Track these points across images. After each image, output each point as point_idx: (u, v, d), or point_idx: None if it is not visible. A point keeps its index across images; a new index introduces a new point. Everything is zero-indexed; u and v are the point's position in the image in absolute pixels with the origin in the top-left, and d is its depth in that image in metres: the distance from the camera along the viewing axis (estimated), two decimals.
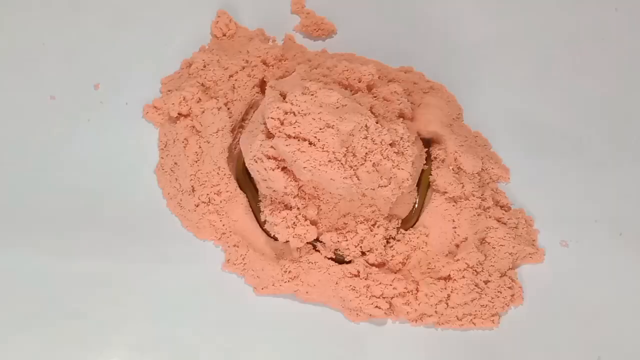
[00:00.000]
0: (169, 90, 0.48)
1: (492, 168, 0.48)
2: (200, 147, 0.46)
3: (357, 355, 0.43)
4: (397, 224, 0.45)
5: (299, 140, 0.41)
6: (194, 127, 0.46)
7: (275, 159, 0.42)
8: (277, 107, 0.41)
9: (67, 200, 0.45)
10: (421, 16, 0.52)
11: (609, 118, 0.50)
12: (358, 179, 0.41)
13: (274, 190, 0.43)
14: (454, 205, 0.45)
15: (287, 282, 0.43)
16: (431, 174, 0.46)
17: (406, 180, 0.42)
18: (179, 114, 0.46)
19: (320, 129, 0.41)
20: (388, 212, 0.43)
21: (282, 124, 0.41)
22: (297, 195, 0.42)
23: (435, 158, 0.46)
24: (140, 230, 0.45)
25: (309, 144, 0.41)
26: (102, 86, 0.49)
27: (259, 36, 0.50)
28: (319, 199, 0.42)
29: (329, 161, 0.41)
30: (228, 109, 0.47)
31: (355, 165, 0.41)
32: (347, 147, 0.41)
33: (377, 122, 0.41)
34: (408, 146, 0.42)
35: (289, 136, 0.41)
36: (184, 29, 0.50)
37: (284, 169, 0.42)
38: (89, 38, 0.49)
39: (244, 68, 0.48)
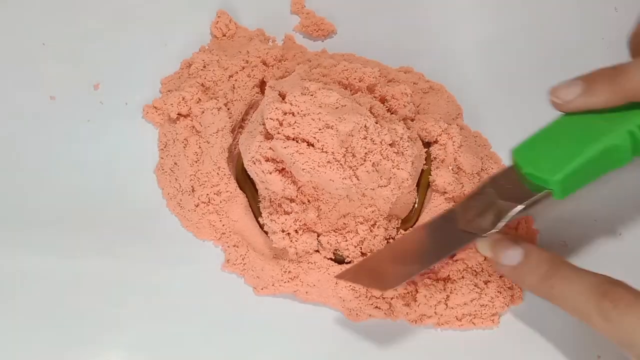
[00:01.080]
0: (169, 91, 0.48)
1: (492, 168, 0.48)
2: (200, 147, 0.46)
3: (357, 355, 0.43)
4: (397, 224, 0.45)
5: (297, 141, 0.41)
6: (193, 127, 0.46)
7: (274, 160, 0.42)
8: (276, 108, 0.41)
9: (66, 200, 0.45)
10: (421, 16, 0.52)
11: None
12: (357, 179, 0.41)
13: (273, 192, 0.42)
14: (453, 206, 0.45)
15: (287, 282, 0.43)
16: (431, 174, 0.46)
17: (406, 180, 0.42)
18: (178, 114, 0.46)
19: (320, 130, 0.41)
20: (388, 212, 0.43)
21: (281, 124, 0.41)
22: (296, 197, 0.42)
23: (435, 158, 0.46)
24: (140, 230, 0.45)
25: (308, 144, 0.41)
26: (102, 86, 0.49)
27: (258, 36, 0.50)
28: (318, 199, 0.42)
29: (328, 162, 0.41)
30: (228, 109, 0.47)
31: (355, 166, 0.41)
32: (346, 148, 0.41)
33: (376, 122, 0.41)
34: (408, 146, 0.42)
35: (288, 137, 0.41)
36: (184, 29, 0.50)
37: (282, 170, 0.42)
38: (89, 38, 0.49)
39: (243, 68, 0.48)
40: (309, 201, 0.42)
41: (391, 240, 0.44)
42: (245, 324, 0.43)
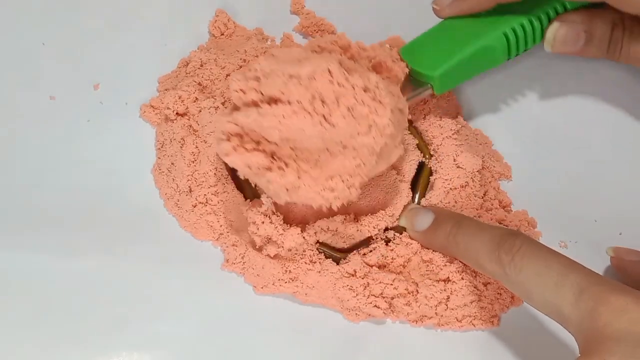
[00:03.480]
0: (166, 89, 0.48)
1: (494, 166, 0.47)
2: (197, 147, 0.45)
3: (357, 355, 0.43)
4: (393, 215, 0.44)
5: (260, 104, 0.39)
6: (190, 126, 0.46)
7: (239, 135, 0.40)
8: (238, 79, 0.39)
9: (66, 200, 0.45)
10: (422, 16, 0.52)
11: (609, 116, 0.50)
12: (331, 125, 0.39)
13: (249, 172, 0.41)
14: (454, 206, 0.45)
15: (287, 283, 0.43)
16: (431, 173, 0.46)
17: (387, 127, 0.39)
18: (176, 113, 0.46)
19: (284, 83, 0.39)
20: (374, 167, 0.40)
21: (245, 93, 0.39)
22: (272, 164, 0.40)
23: (432, 155, 0.46)
24: (140, 230, 0.45)
25: (272, 102, 0.39)
26: (102, 86, 0.49)
27: (256, 35, 0.50)
28: (298, 158, 0.40)
29: (294, 112, 0.39)
30: (225, 108, 0.46)
31: (327, 112, 0.39)
32: (312, 94, 0.39)
33: (342, 67, 0.39)
34: (385, 95, 0.39)
35: (253, 102, 0.39)
36: (184, 29, 0.50)
37: (257, 143, 0.40)
38: (89, 38, 0.49)
39: (240, 67, 0.48)
40: (287, 165, 0.40)
41: (391, 244, 0.45)
42: (245, 324, 0.43)
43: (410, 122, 0.47)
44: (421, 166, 0.46)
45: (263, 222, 0.42)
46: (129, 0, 0.50)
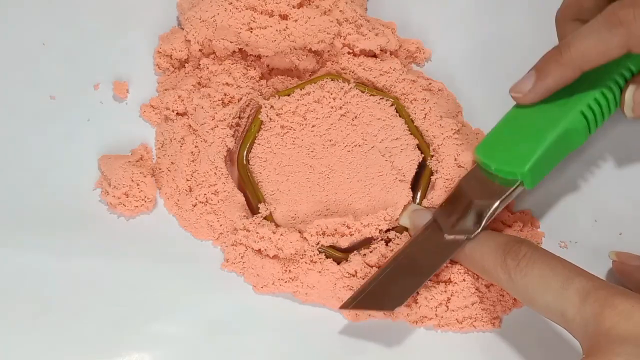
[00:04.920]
0: (166, 89, 0.48)
1: None
2: (196, 146, 0.45)
3: (357, 355, 0.43)
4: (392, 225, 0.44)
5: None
6: (190, 125, 0.46)
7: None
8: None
9: (66, 199, 0.45)
10: (421, 16, 0.52)
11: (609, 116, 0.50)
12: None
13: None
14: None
15: (287, 282, 0.43)
16: (432, 173, 0.46)
17: None
18: (176, 113, 0.46)
19: None
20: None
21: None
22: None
23: (433, 155, 0.46)
24: (140, 230, 0.45)
25: None
26: (102, 86, 0.49)
27: None
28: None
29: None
30: (224, 106, 0.46)
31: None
32: None
33: None
34: None
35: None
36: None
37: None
38: (89, 38, 0.49)
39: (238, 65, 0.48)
40: None
41: (391, 244, 0.45)
42: (245, 323, 0.43)
43: (410, 121, 0.47)
44: (422, 166, 0.46)
45: (247, 238, 0.43)
46: (128, 0, 0.50)
